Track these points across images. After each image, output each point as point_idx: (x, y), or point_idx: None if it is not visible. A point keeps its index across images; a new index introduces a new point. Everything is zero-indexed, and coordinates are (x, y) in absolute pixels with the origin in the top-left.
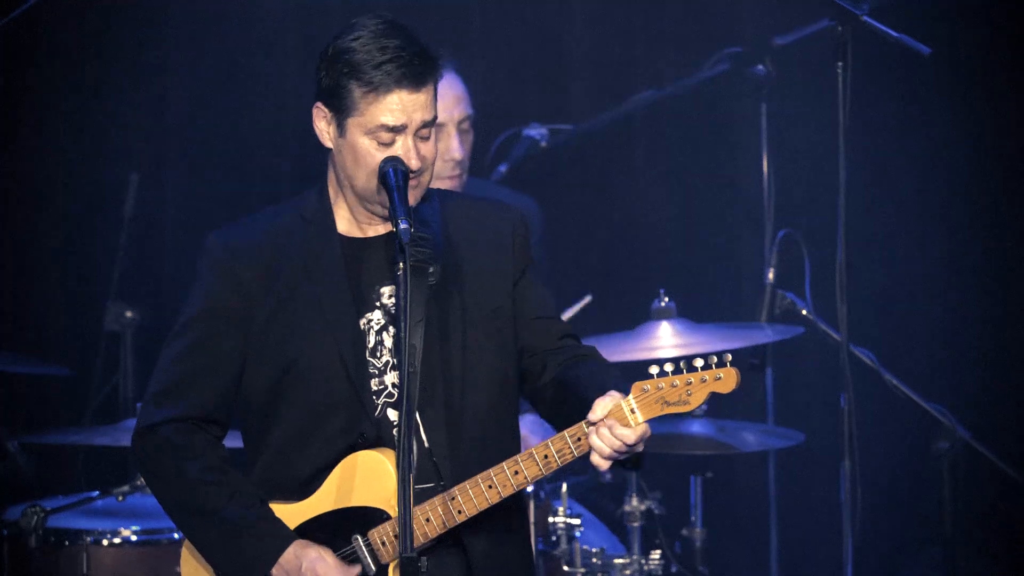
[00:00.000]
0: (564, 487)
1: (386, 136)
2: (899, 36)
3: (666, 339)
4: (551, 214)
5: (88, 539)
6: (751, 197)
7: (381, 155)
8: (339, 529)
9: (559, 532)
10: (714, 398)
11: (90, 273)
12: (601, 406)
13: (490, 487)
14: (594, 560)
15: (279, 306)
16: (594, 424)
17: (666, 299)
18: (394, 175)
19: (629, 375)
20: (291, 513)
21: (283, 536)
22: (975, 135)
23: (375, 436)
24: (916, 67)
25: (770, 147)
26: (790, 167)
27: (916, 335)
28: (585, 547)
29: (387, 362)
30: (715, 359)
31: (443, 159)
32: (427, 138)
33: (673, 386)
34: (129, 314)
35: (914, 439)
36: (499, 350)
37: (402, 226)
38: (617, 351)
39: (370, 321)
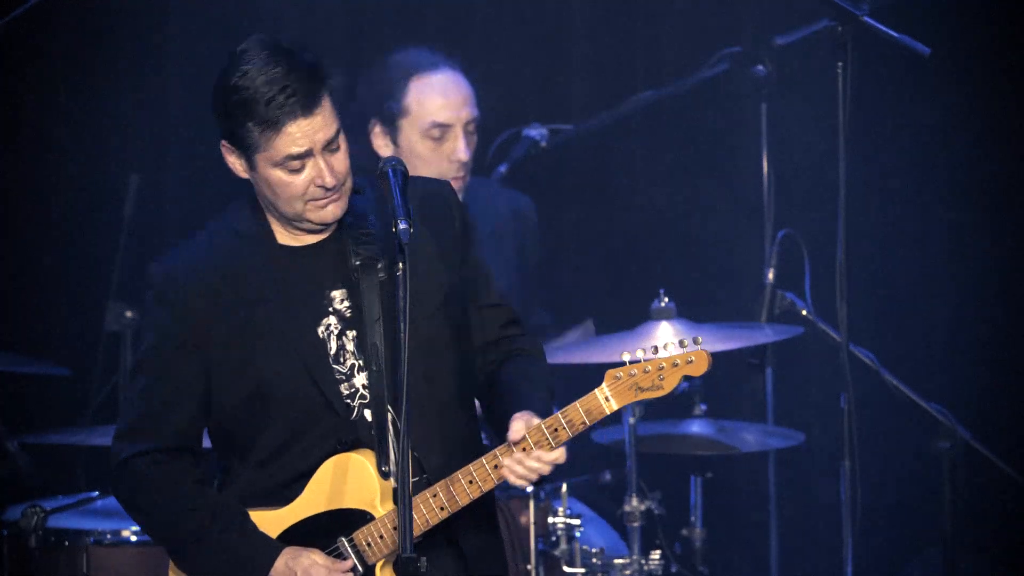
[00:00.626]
0: (564, 487)
1: (295, 164)
2: (899, 36)
3: (666, 339)
4: (551, 214)
5: (88, 539)
6: (751, 197)
7: (296, 180)
8: (322, 532)
9: (559, 532)
10: (714, 398)
11: (90, 274)
12: (518, 429)
13: (471, 482)
14: (594, 560)
15: (234, 327)
16: (514, 444)
17: (666, 299)
18: (393, 175)
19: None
20: (273, 520)
21: (271, 548)
22: (975, 135)
23: (354, 439)
24: (916, 67)
25: (770, 147)
26: (790, 167)
27: (916, 335)
28: (585, 547)
29: (352, 365)
30: (685, 342)
31: (448, 160)
32: (336, 150)
33: (645, 372)
34: (129, 314)
35: (914, 439)
36: (457, 333)
37: (401, 226)
38: (617, 351)
39: (328, 327)
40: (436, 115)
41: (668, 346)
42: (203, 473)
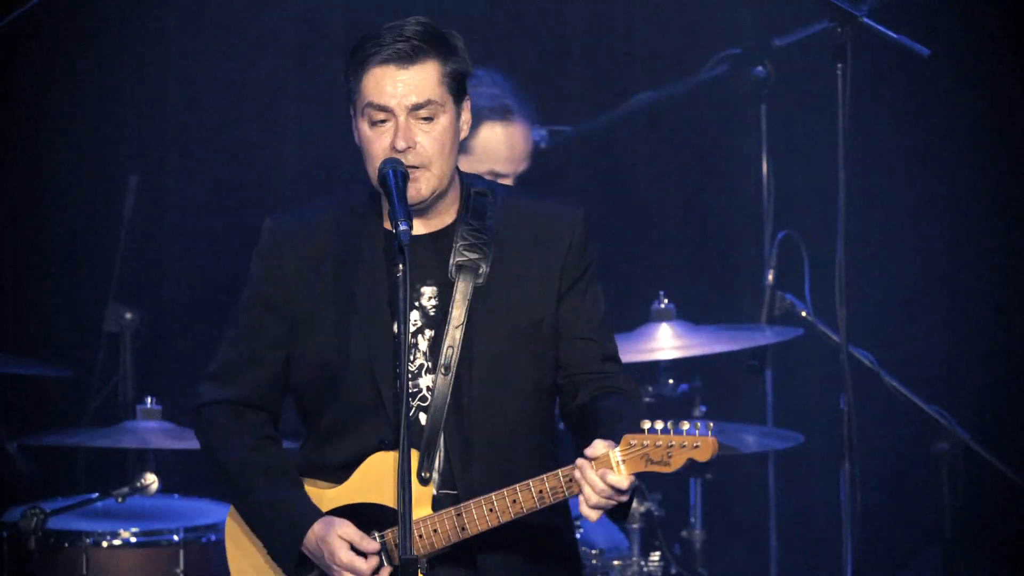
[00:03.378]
0: None
1: (377, 115)
2: (898, 37)
3: (665, 341)
4: None
5: (88, 540)
6: (750, 198)
7: (376, 139)
8: (361, 522)
9: None
10: (714, 399)
11: (90, 275)
12: (595, 448)
13: (491, 511)
14: (594, 562)
15: (319, 300)
16: (588, 460)
17: (665, 301)
18: (393, 176)
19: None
20: (325, 497)
21: (312, 514)
22: (975, 135)
23: (394, 440)
24: (915, 68)
25: (770, 148)
26: (790, 168)
27: (916, 337)
28: (585, 548)
29: (421, 365)
30: (699, 425)
31: None
32: (429, 120)
33: (656, 446)
34: (129, 315)
35: (913, 441)
36: (536, 361)
37: (401, 228)
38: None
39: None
40: (494, 165)
41: (685, 425)
42: (275, 431)
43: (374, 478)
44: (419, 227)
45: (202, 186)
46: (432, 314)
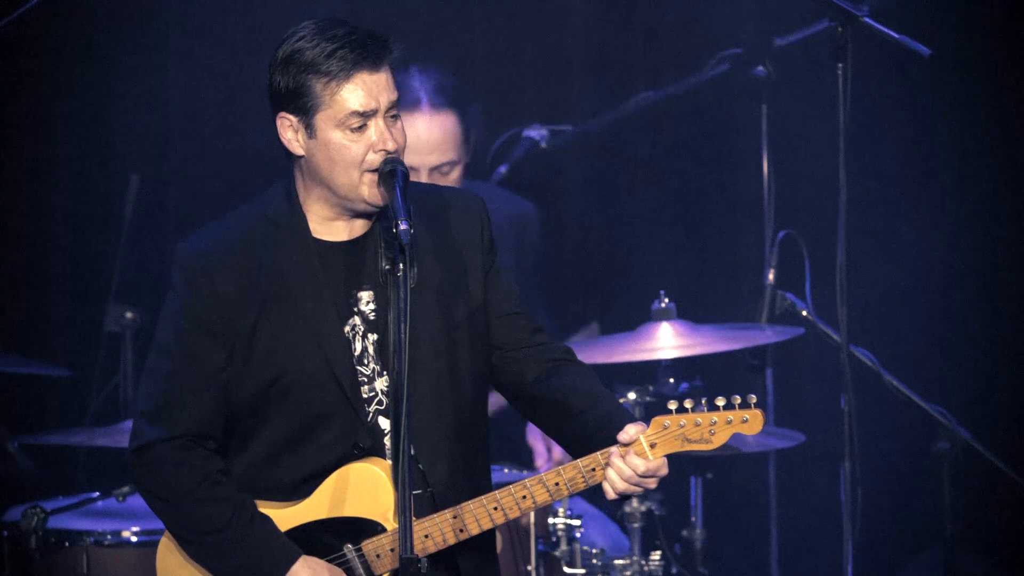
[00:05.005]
0: None
1: (357, 122)
2: (899, 37)
3: (666, 340)
4: (551, 215)
5: (88, 540)
6: (751, 198)
7: (355, 146)
8: (330, 537)
9: (559, 533)
10: (713, 398)
11: (90, 274)
12: (630, 431)
13: (496, 509)
14: (594, 561)
15: (260, 317)
16: (623, 446)
17: (666, 300)
18: (400, 175)
19: (630, 377)
20: (281, 516)
21: (291, 551)
22: (975, 135)
23: (371, 445)
24: (916, 68)
25: (770, 148)
26: (790, 168)
27: (916, 336)
28: (585, 548)
29: (374, 369)
30: (738, 399)
31: None
32: (396, 118)
33: (696, 424)
34: (129, 315)
35: (914, 440)
36: (475, 349)
37: (403, 227)
38: (617, 352)
39: (353, 327)
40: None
41: (720, 401)
42: (223, 463)
43: (345, 491)
44: (341, 232)
45: (202, 186)
46: (372, 318)
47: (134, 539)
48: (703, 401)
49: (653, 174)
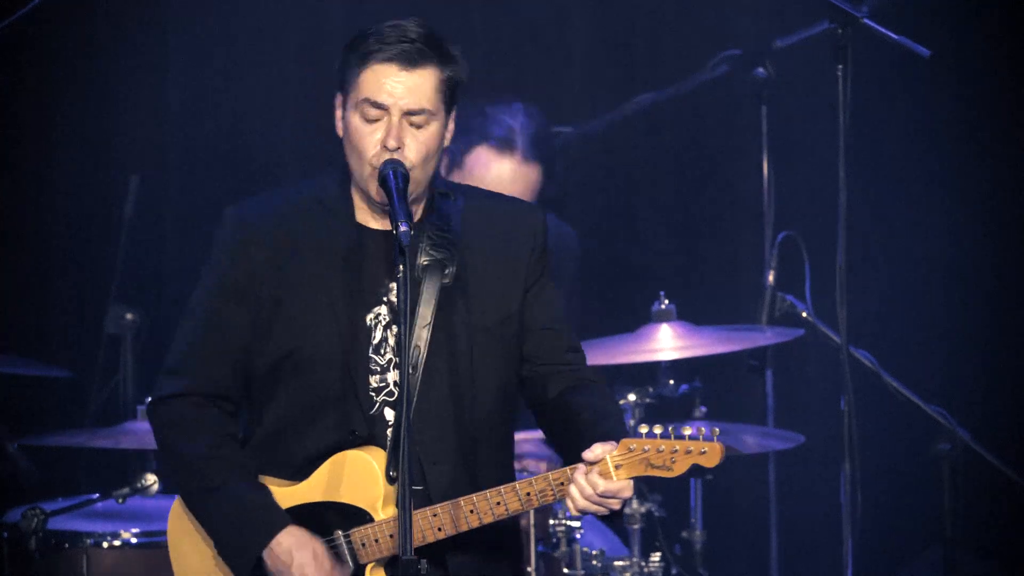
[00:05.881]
0: None
1: (371, 112)
2: (899, 38)
3: (666, 341)
4: (551, 216)
5: (88, 541)
6: (751, 199)
7: (368, 134)
8: (323, 521)
9: (559, 534)
10: (714, 399)
11: (90, 275)
12: (596, 450)
13: (472, 512)
14: (594, 562)
15: (287, 290)
16: (588, 464)
17: (666, 301)
18: (394, 177)
19: (630, 377)
20: (282, 494)
21: (280, 517)
22: (975, 136)
23: (367, 434)
24: (916, 69)
25: (770, 149)
26: (790, 169)
27: (916, 337)
28: (585, 549)
29: (390, 360)
30: (703, 431)
31: None
32: (420, 128)
33: (659, 451)
34: (129, 316)
35: (914, 441)
36: (505, 357)
37: (402, 228)
38: (618, 353)
39: (377, 316)
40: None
41: (687, 430)
42: (236, 428)
43: (339, 476)
44: (387, 224)
45: (202, 186)
46: (400, 310)
47: (134, 540)
48: (670, 429)
49: (653, 174)
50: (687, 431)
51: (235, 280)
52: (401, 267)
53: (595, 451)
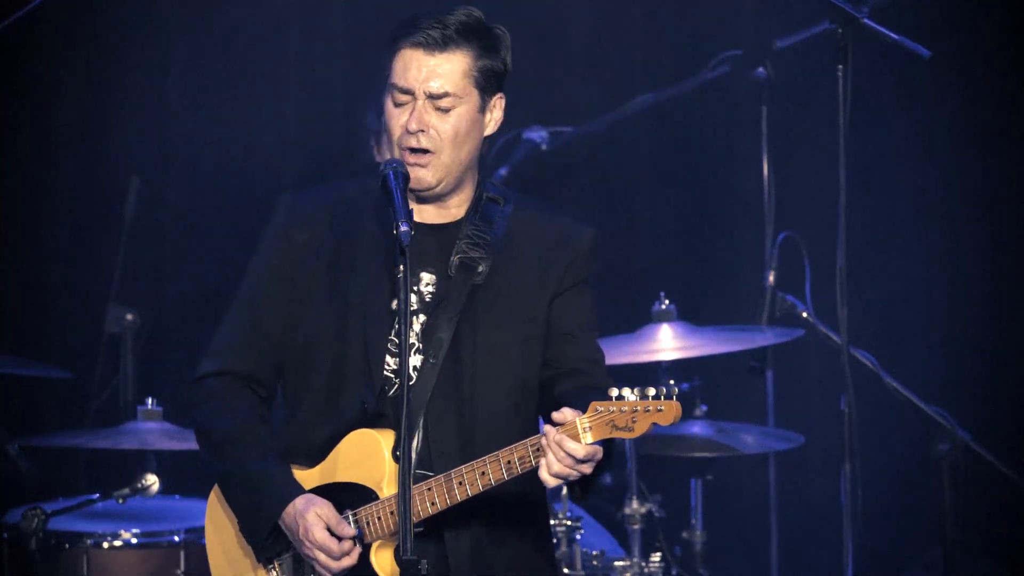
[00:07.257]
0: (564, 490)
1: (400, 96)
2: (899, 38)
3: (666, 342)
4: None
5: (88, 542)
6: (751, 200)
7: (396, 118)
8: (336, 500)
9: (559, 534)
10: (715, 400)
11: (91, 276)
12: (563, 413)
13: (460, 484)
14: (594, 563)
15: (323, 273)
16: (554, 427)
17: (666, 302)
18: (393, 177)
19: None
20: (301, 477)
21: (293, 491)
22: (975, 136)
23: (375, 410)
24: (916, 69)
25: (770, 150)
26: (790, 170)
27: (916, 338)
28: (585, 549)
29: (412, 345)
30: (664, 390)
31: None
32: (445, 112)
33: (622, 411)
34: (129, 317)
35: (914, 441)
36: (526, 359)
37: (402, 228)
38: (618, 354)
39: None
40: None
41: (651, 391)
42: (267, 411)
43: (350, 456)
44: (429, 215)
45: (202, 187)
46: (428, 300)
47: (134, 540)
48: (635, 390)
49: (653, 175)
50: (651, 392)
51: (278, 263)
52: (401, 267)
53: (564, 413)
